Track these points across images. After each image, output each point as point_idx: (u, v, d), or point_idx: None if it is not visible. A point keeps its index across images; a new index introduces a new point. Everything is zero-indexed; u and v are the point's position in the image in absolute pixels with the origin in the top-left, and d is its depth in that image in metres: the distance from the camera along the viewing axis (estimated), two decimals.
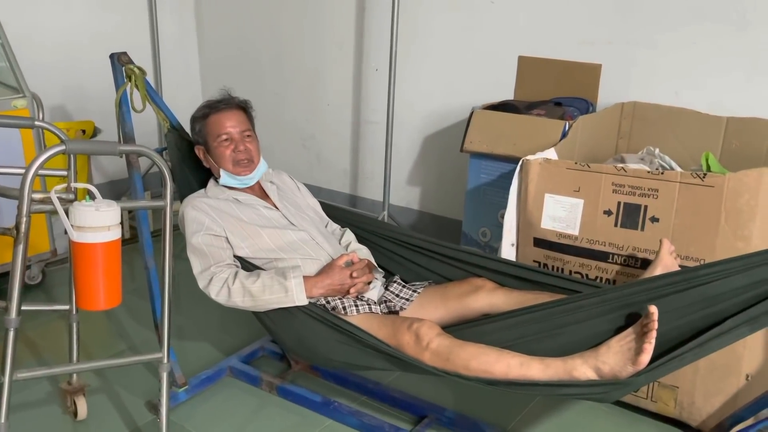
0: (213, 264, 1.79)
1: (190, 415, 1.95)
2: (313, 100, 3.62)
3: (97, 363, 1.74)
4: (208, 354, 2.30)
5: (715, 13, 2.39)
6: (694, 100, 2.42)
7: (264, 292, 1.71)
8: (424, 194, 3.33)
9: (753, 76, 2.36)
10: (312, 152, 3.71)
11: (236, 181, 1.94)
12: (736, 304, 1.38)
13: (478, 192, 2.48)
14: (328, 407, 1.93)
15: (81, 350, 1.97)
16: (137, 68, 2.12)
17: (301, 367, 2.19)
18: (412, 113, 3.21)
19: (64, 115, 3.38)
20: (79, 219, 1.36)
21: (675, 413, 1.88)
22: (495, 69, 2.89)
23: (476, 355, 1.50)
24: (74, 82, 3.40)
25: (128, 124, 2.09)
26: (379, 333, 1.65)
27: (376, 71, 3.30)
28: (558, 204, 1.95)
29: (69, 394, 1.89)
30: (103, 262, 1.38)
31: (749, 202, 1.67)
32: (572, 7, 2.69)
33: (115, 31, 3.55)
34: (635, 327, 1.42)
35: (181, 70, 3.96)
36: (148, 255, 1.99)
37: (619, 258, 1.88)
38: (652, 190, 1.81)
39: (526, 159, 1.98)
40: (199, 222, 1.84)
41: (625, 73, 2.60)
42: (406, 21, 3.04)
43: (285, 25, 3.61)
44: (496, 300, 1.77)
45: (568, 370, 1.43)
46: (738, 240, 1.70)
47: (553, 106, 2.50)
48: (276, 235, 1.87)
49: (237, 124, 1.94)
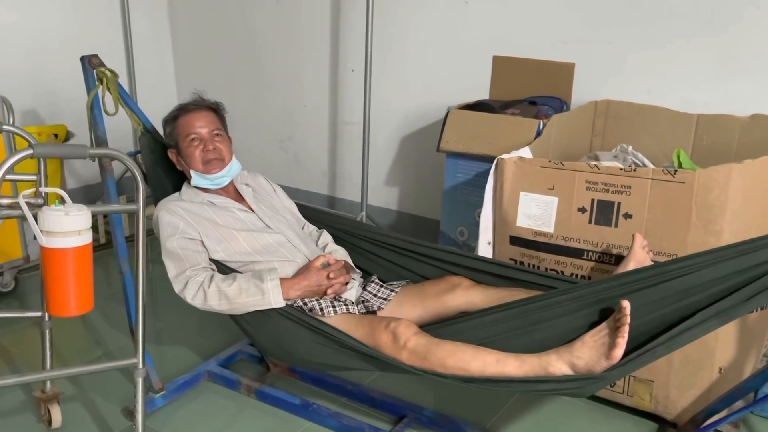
0: (188, 268, 1.77)
1: (168, 421, 1.93)
2: (289, 102, 3.60)
3: (70, 370, 1.72)
4: (186, 358, 2.28)
5: (685, 12, 2.42)
6: (665, 98, 2.45)
7: (240, 294, 1.70)
8: (402, 194, 3.34)
9: (722, 74, 2.40)
10: (290, 153, 3.70)
11: (207, 181, 1.92)
12: (706, 297, 1.40)
13: (455, 191, 2.49)
14: (307, 410, 1.93)
15: (56, 357, 1.94)
16: (109, 71, 2.09)
17: (279, 369, 2.18)
18: (389, 114, 3.22)
19: (36, 119, 3.33)
20: (48, 224, 1.34)
21: (651, 407, 1.90)
22: (470, 69, 2.91)
23: (453, 352, 1.51)
24: (46, 85, 3.35)
25: (100, 127, 2.07)
26: (356, 333, 1.65)
27: (352, 72, 3.30)
28: (533, 202, 1.96)
29: (43, 402, 1.86)
30: (74, 268, 1.35)
31: (719, 197, 1.70)
32: (546, 6, 2.71)
33: (88, 33, 3.51)
34: (608, 322, 1.43)
35: (155, 72, 3.92)
36: (123, 260, 1.97)
37: (594, 254, 1.89)
38: (624, 187, 1.82)
39: (501, 158, 1.99)
40: (173, 226, 1.82)
41: (598, 72, 2.63)
42: (381, 22, 3.04)
43: (260, 26, 3.59)
44: (473, 298, 1.77)
45: (544, 366, 1.45)
46: (709, 235, 1.72)
47: (528, 105, 2.51)
48: (252, 238, 1.86)
49: (206, 124, 1.92)
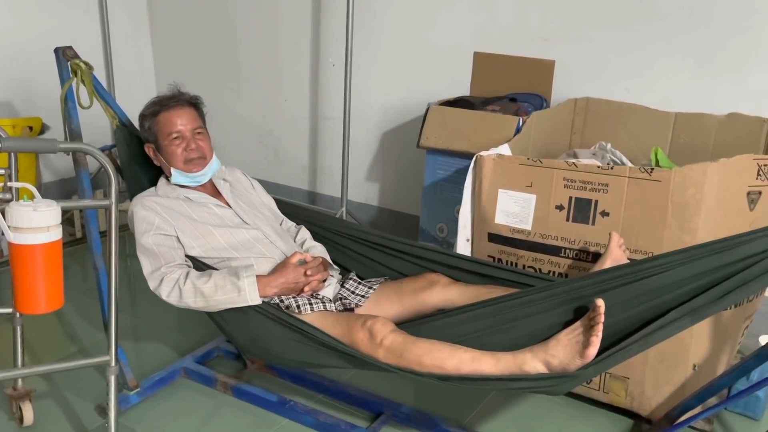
0: (164, 264, 1.75)
1: (142, 418, 1.90)
2: (269, 96, 3.57)
3: (41, 367, 1.69)
4: (163, 355, 2.25)
5: (663, 12, 2.44)
6: (644, 96, 2.47)
7: (216, 292, 1.68)
8: (382, 190, 3.33)
9: (699, 73, 2.42)
10: (269, 148, 3.67)
11: (188, 179, 1.90)
12: (679, 295, 1.41)
13: (435, 188, 2.49)
14: (284, 407, 1.91)
15: (29, 353, 1.91)
16: (83, 63, 2.05)
17: (257, 366, 2.16)
18: (370, 109, 3.20)
19: (11, 112, 3.27)
20: (16, 220, 1.31)
21: (626, 403, 1.92)
22: (451, 65, 2.90)
23: (429, 350, 1.51)
24: (21, 77, 3.29)
25: (74, 120, 2.03)
26: (333, 331, 1.64)
27: (332, 66, 3.28)
28: (511, 199, 1.96)
29: (14, 399, 1.83)
30: (43, 265, 1.32)
31: (695, 195, 1.71)
32: (527, 4, 2.71)
33: (65, 25, 3.45)
34: (583, 320, 1.44)
35: (133, 65, 3.87)
36: (97, 255, 1.94)
37: (571, 252, 1.90)
38: (602, 184, 1.83)
39: (480, 155, 1.99)
40: (149, 221, 1.80)
41: (577, 70, 2.64)
42: (362, 16, 3.03)
43: (240, 20, 3.56)
44: (451, 295, 1.77)
45: (519, 364, 1.45)
46: (684, 233, 1.73)
47: (508, 102, 2.51)
48: (228, 233, 1.84)
49: (188, 122, 1.90)
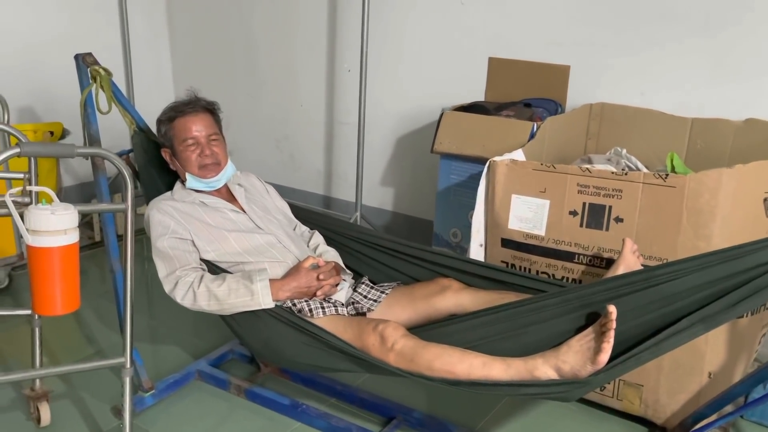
0: (178, 268, 1.77)
1: (156, 420, 1.93)
2: (286, 101, 3.60)
3: (58, 368, 1.71)
4: (178, 357, 2.28)
5: (680, 15, 2.42)
6: (660, 101, 2.45)
7: (230, 295, 1.70)
8: (397, 195, 3.34)
9: (717, 77, 2.40)
10: (285, 153, 3.70)
11: (203, 184, 1.93)
12: (692, 302, 1.40)
13: (449, 193, 2.49)
14: (296, 410, 1.93)
15: (48, 355, 1.94)
16: (103, 69, 2.09)
17: (270, 369, 2.18)
18: (385, 114, 3.22)
19: (33, 117, 3.33)
20: (34, 223, 1.34)
21: (640, 411, 1.90)
22: (466, 70, 2.90)
23: (439, 355, 1.51)
24: (43, 83, 3.35)
25: (93, 125, 2.06)
26: (344, 335, 1.65)
27: (348, 72, 3.30)
28: (524, 205, 1.96)
29: (32, 400, 1.87)
30: (60, 267, 1.35)
31: (709, 202, 1.69)
32: (541, 8, 2.70)
33: (85, 32, 3.51)
34: (595, 326, 1.43)
35: (153, 71, 3.92)
36: (114, 258, 1.97)
37: (585, 258, 1.89)
38: (616, 190, 1.82)
39: (493, 160, 1.99)
40: (164, 225, 1.82)
41: (593, 75, 2.62)
42: (377, 22, 3.04)
43: (257, 26, 3.59)
44: (463, 300, 1.77)
45: (530, 369, 1.44)
46: (699, 240, 1.72)
47: (523, 107, 2.51)
48: (242, 238, 1.86)
49: (203, 128, 1.92)
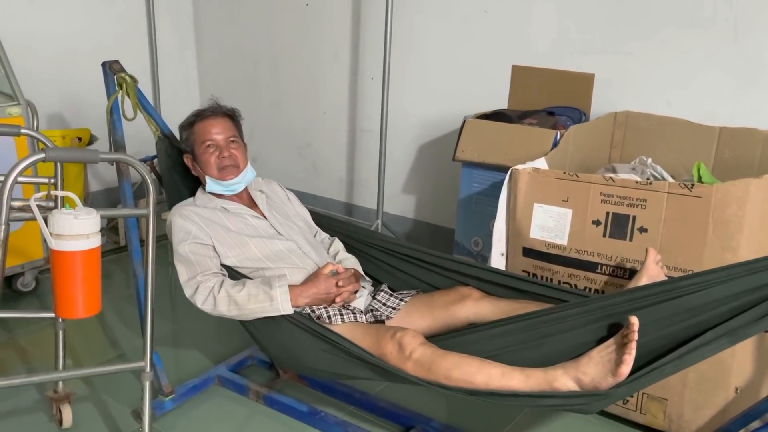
0: (199, 273, 1.78)
1: (176, 424, 1.94)
2: (309, 109, 3.63)
3: (80, 371, 1.74)
4: (198, 362, 2.29)
5: (706, 23, 2.38)
6: (686, 110, 2.41)
7: (249, 301, 1.71)
8: (418, 203, 3.33)
9: (745, 86, 2.35)
10: (308, 160, 3.72)
11: (222, 187, 1.94)
12: (717, 315, 1.37)
13: (471, 201, 2.47)
14: (314, 417, 1.92)
15: (71, 357, 1.97)
16: (129, 76, 2.13)
17: (289, 376, 2.18)
18: (407, 122, 3.22)
19: (62, 123, 3.40)
20: (57, 227, 1.36)
21: (664, 426, 1.86)
22: (489, 78, 2.89)
23: (458, 364, 1.49)
24: (72, 90, 3.42)
25: (119, 132, 2.11)
26: (363, 342, 1.64)
27: (371, 80, 3.31)
28: (547, 214, 1.94)
29: (55, 401, 1.89)
30: (82, 271, 1.37)
31: (737, 212, 1.66)
32: (565, 16, 2.68)
33: (114, 40, 3.58)
34: (616, 338, 1.40)
35: (179, 79, 3.98)
36: (137, 262, 1.99)
37: (608, 268, 1.86)
38: (640, 200, 1.79)
39: (515, 168, 1.97)
40: (186, 231, 1.84)
41: (617, 83, 2.59)
42: (400, 31, 3.05)
43: (282, 35, 3.62)
44: (483, 309, 1.76)
45: (549, 380, 1.42)
46: (726, 251, 1.68)
47: (546, 116, 2.49)
48: (263, 244, 1.87)
49: (222, 131, 1.94)
